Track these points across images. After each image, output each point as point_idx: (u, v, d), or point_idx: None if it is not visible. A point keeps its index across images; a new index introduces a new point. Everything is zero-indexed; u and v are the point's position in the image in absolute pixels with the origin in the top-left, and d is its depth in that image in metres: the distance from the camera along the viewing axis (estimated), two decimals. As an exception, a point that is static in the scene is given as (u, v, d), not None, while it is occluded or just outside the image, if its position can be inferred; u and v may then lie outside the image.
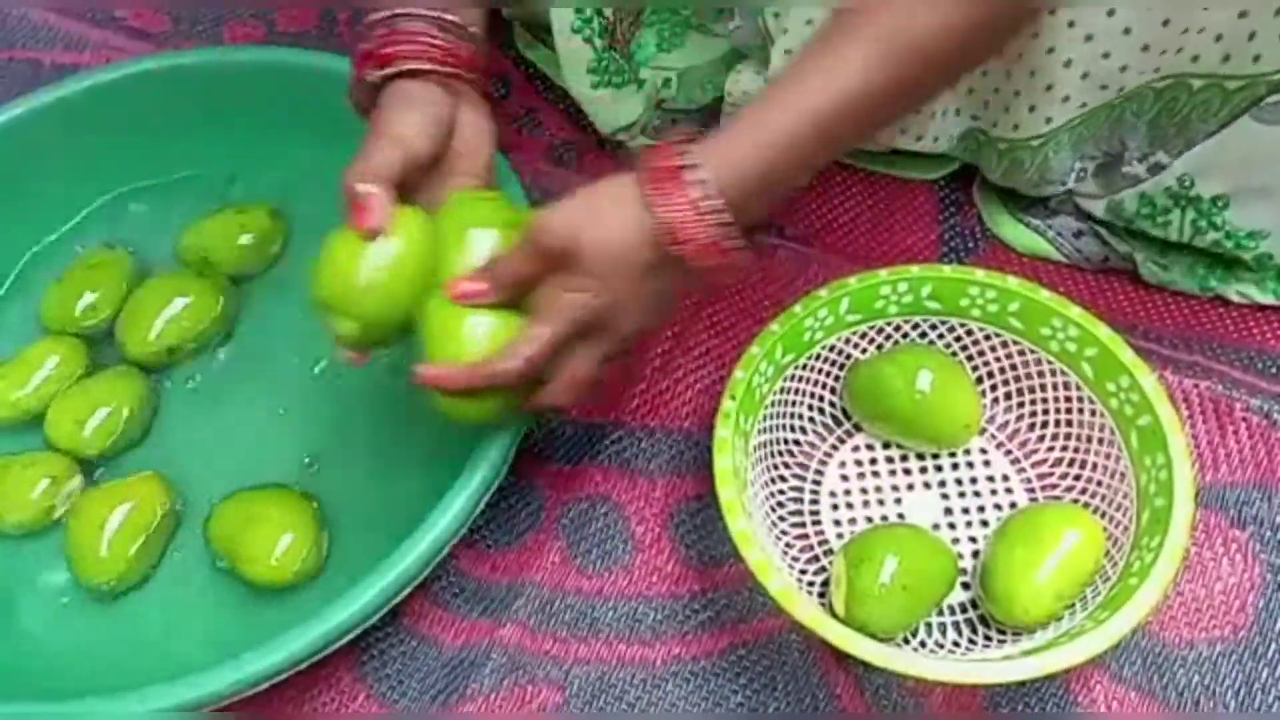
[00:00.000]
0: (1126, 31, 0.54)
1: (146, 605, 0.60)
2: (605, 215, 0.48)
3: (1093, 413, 0.57)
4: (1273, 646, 0.54)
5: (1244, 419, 0.59)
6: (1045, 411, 0.59)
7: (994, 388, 0.60)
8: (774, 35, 0.61)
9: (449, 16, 0.53)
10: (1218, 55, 0.54)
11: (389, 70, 0.52)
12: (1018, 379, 0.60)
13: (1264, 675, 0.54)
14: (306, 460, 0.63)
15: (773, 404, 0.59)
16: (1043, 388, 0.59)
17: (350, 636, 0.51)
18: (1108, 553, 0.54)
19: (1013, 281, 0.58)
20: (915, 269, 0.59)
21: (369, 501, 0.61)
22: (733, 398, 0.56)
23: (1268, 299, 0.62)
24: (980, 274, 0.58)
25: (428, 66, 0.52)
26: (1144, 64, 0.56)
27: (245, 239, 0.69)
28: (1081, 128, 0.60)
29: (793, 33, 0.61)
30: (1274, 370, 0.61)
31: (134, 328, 0.66)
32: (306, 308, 0.66)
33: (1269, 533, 0.57)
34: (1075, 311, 0.56)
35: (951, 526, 0.59)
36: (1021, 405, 0.60)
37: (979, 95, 0.62)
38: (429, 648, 0.58)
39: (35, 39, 0.83)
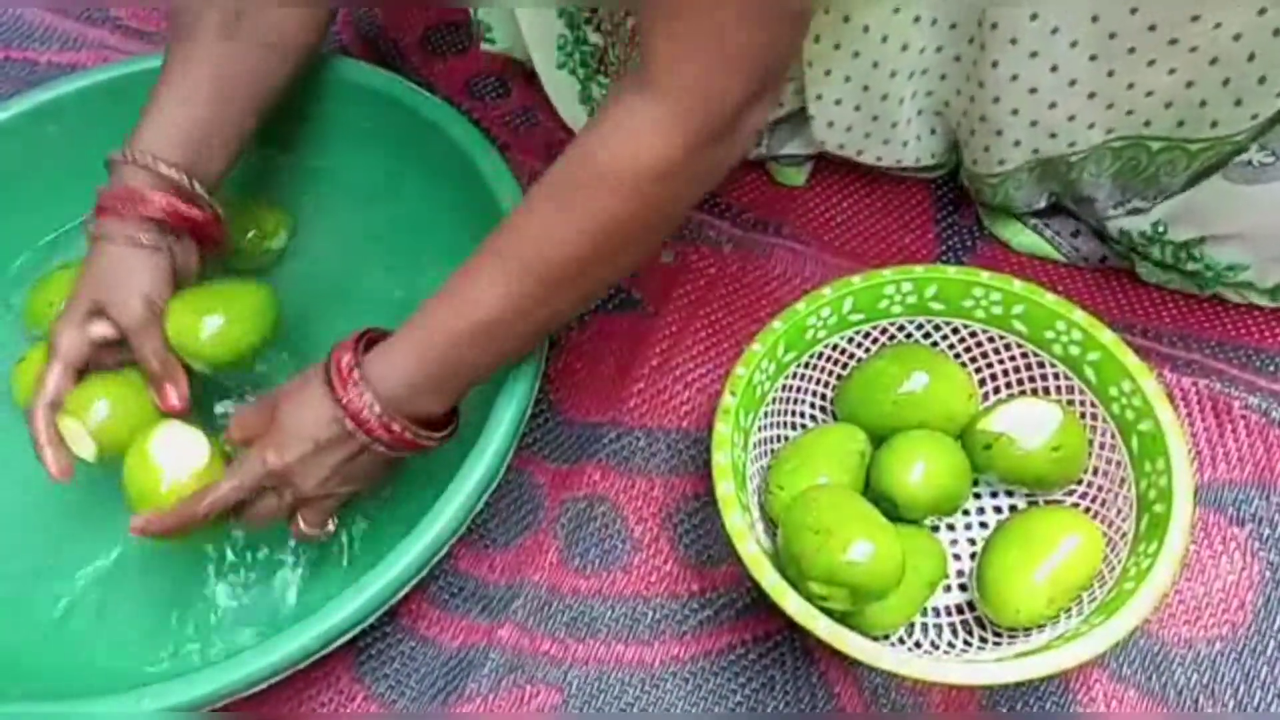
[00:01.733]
0: (1072, 84, 0.55)
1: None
2: (303, 394, 0.53)
3: (1095, 417, 0.57)
4: (1271, 644, 0.54)
5: (1243, 417, 0.59)
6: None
7: (997, 390, 0.60)
8: None
9: (192, 186, 0.58)
10: (1171, 120, 0.54)
11: (118, 227, 0.56)
12: (1020, 382, 0.60)
13: (1263, 673, 0.54)
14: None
15: (773, 402, 0.59)
16: (1045, 391, 0.59)
17: (348, 637, 0.51)
18: (1105, 556, 0.54)
19: (1017, 284, 0.58)
20: (920, 269, 0.59)
21: (366, 503, 0.61)
22: (733, 394, 0.56)
23: (1264, 301, 0.62)
24: (985, 276, 0.58)
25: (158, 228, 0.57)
26: (1093, 114, 0.56)
27: (249, 235, 0.69)
28: (1039, 171, 0.61)
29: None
30: (1272, 368, 0.61)
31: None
32: (315, 303, 0.68)
33: (1267, 530, 0.57)
34: (1079, 315, 0.56)
35: (950, 528, 0.59)
36: (1023, 407, 0.60)
37: (944, 121, 0.63)
38: (427, 648, 0.58)
39: (31, 38, 0.83)
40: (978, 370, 0.60)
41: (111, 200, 0.56)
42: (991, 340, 0.59)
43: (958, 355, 0.60)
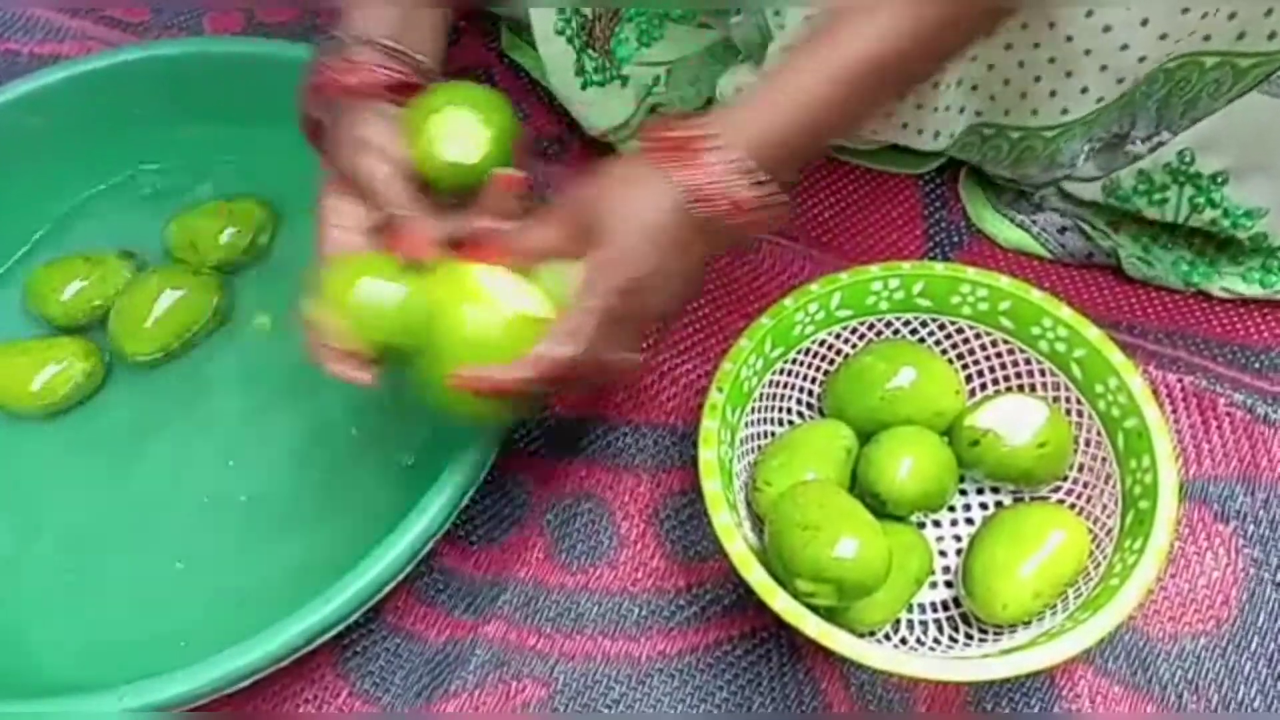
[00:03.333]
0: (1144, 23, 0.54)
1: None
2: (627, 189, 0.47)
3: (1080, 414, 0.57)
4: (1255, 640, 0.55)
5: (1228, 413, 0.59)
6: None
7: (983, 386, 0.60)
8: (773, 32, 0.61)
9: (409, 51, 0.54)
10: (1232, 33, 0.53)
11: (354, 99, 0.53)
12: (1007, 378, 0.60)
13: (1246, 668, 0.54)
14: (290, 451, 0.63)
15: (760, 398, 0.59)
16: (1031, 387, 0.59)
17: (332, 634, 0.50)
18: (1091, 552, 0.54)
19: (1004, 281, 0.58)
20: (907, 266, 0.59)
21: (353, 495, 0.61)
22: (720, 390, 0.56)
23: (1253, 290, 0.62)
24: (971, 272, 0.58)
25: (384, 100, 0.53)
26: (1160, 52, 0.55)
27: (233, 231, 0.69)
28: (1095, 120, 0.60)
29: (789, 29, 0.61)
30: (1257, 365, 0.61)
31: (126, 324, 0.66)
32: (294, 297, 0.67)
33: (1251, 526, 0.57)
34: (1065, 312, 0.56)
35: (937, 525, 0.59)
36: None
37: (984, 90, 0.61)
38: (413, 644, 0.58)
39: (13, 29, 0.82)
40: (964, 366, 0.60)
41: (342, 71, 0.52)
42: (978, 337, 0.59)
43: (944, 351, 0.60)
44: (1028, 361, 0.58)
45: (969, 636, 0.54)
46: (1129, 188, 0.61)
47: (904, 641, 0.55)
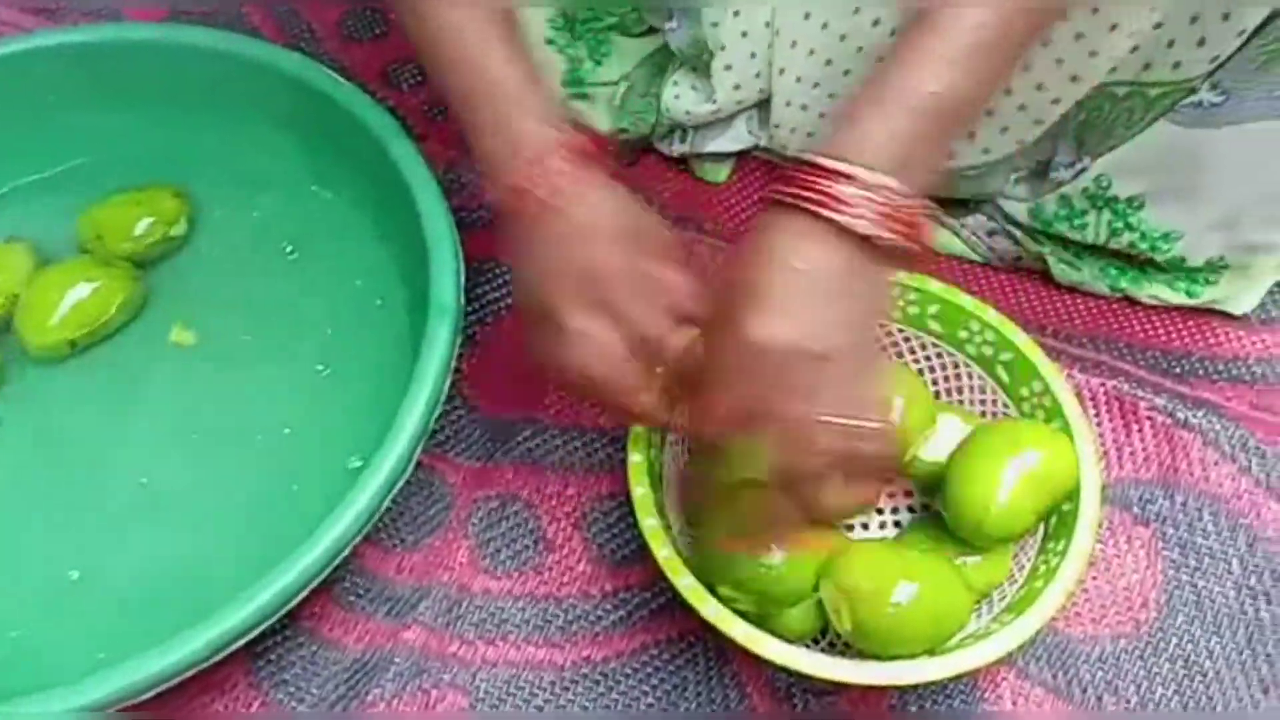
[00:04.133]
0: (1059, 63, 0.54)
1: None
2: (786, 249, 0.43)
3: (1006, 417, 0.57)
4: (1174, 641, 0.55)
5: (1148, 417, 0.60)
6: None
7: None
8: (713, 48, 0.61)
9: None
10: (1137, 64, 0.54)
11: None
12: (936, 383, 0.60)
13: (1164, 669, 0.55)
14: (212, 451, 0.61)
15: (690, 400, 0.58)
16: (960, 390, 0.59)
17: (246, 639, 0.49)
18: (1015, 555, 0.54)
19: (933, 284, 0.58)
20: (835, 268, 0.59)
21: (275, 494, 0.59)
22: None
23: (1179, 299, 0.63)
24: (901, 275, 0.58)
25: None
26: (1073, 95, 0.56)
27: (147, 222, 0.66)
28: (1013, 158, 0.61)
29: (730, 49, 0.60)
30: (1178, 369, 0.62)
31: (33, 318, 0.63)
32: (212, 290, 0.65)
33: (1170, 530, 0.58)
34: (992, 315, 0.57)
35: (865, 527, 0.58)
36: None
37: None
38: (330, 651, 0.56)
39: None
40: (894, 370, 0.60)
41: (577, 143, 0.48)
42: (907, 340, 0.59)
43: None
44: (955, 365, 0.59)
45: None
46: (1051, 213, 0.62)
47: (832, 645, 0.55)
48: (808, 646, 0.54)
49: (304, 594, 0.49)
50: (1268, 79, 0.51)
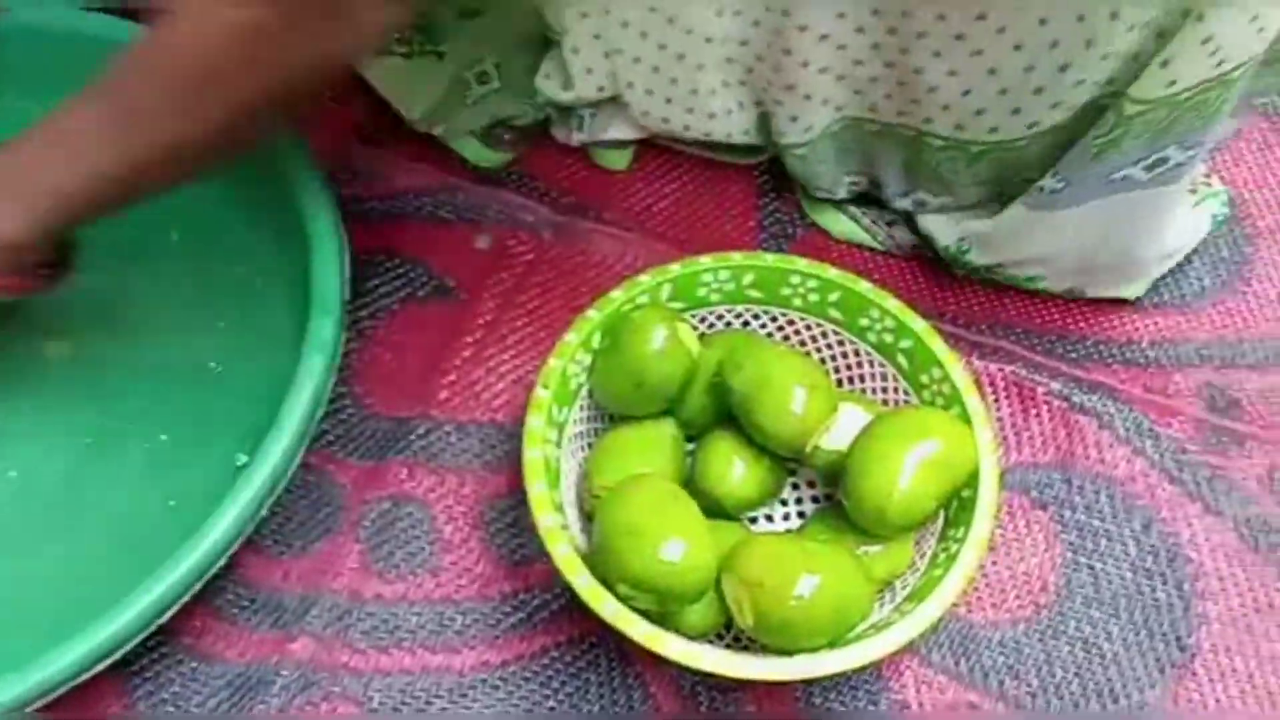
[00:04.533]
0: (875, 47, 0.55)
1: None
2: None
3: (907, 404, 0.57)
4: (1072, 623, 0.56)
5: (1045, 402, 0.61)
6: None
7: (813, 377, 0.60)
8: (555, 30, 0.60)
9: None
10: (950, 123, 0.56)
11: None
12: (837, 370, 0.59)
13: (1064, 651, 0.55)
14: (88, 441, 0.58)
15: (589, 394, 0.57)
16: (861, 378, 0.59)
17: (115, 657, 0.45)
18: (917, 543, 0.54)
19: (833, 272, 0.57)
20: (738, 256, 0.58)
21: (149, 501, 0.56)
22: (545, 386, 0.53)
23: (1059, 294, 0.64)
24: (802, 263, 0.58)
25: None
26: (876, 67, 0.56)
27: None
28: (842, 138, 0.61)
29: (574, 31, 0.59)
30: (1074, 354, 0.63)
31: None
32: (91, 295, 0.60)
33: (1068, 513, 0.58)
34: (892, 303, 0.56)
35: (769, 519, 0.58)
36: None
37: (752, 87, 0.61)
38: (211, 667, 0.53)
39: None
40: (796, 359, 0.60)
41: None
42: (809, 328, 0.59)
43: (785, 345, 0.59)
44: (856, 353, 0.58)
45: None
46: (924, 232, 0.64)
47: (736, 640, 0.54)
48: (711, 643, 0.53)
49: (176, 607, 0.46)
50: (1100, 167, 0.54)
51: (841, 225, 0.66)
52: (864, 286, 0.56)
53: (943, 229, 0.62)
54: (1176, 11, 0.47)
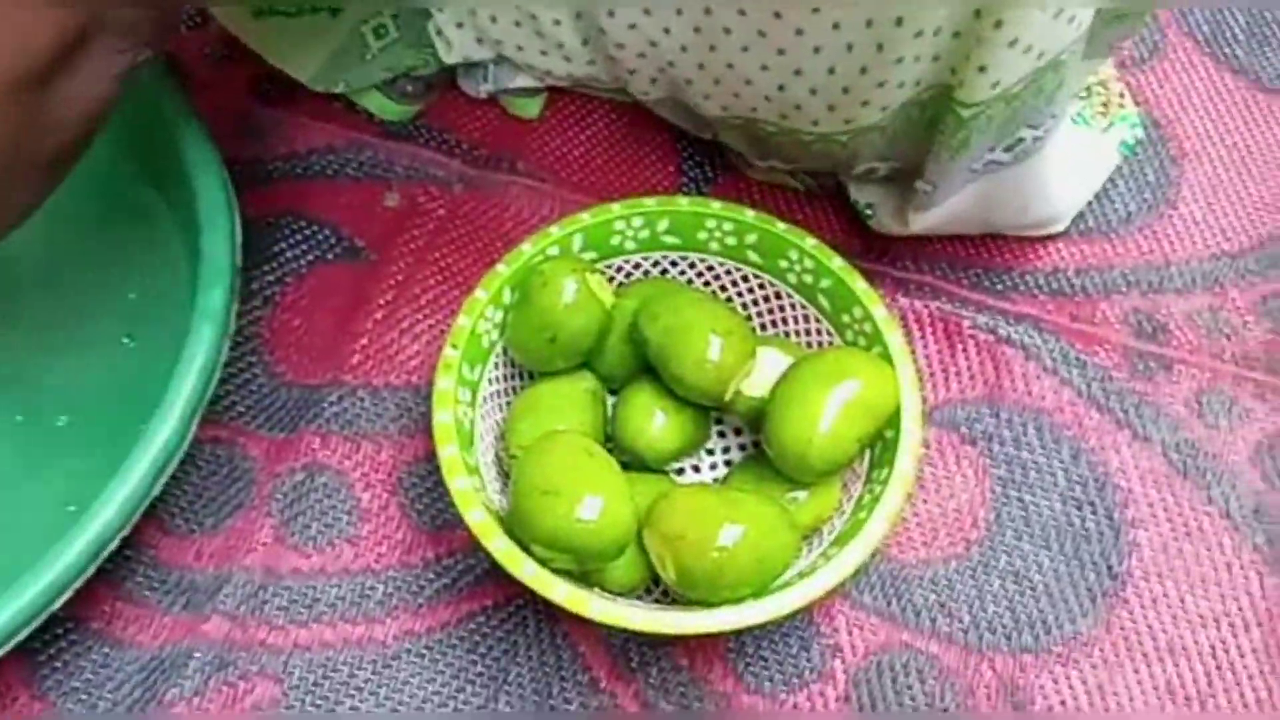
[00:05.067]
0: (684, 49, 0.53)
1: None
2: None
3: (832, 346, 0.56)
4: (1003, 558, 0.55)
5: (972, 336, 0.60)
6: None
7: (737, 322, 0.58)
8: None
9: None
10: (775, 113, 0.54)
11: None
12: (761, 314, 0.58)
13: (995, 585, 0.55)
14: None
15: (504, 351, 0.55)
16: (785, 321, 0.57)
17: (9, 646, 0.44)
18: (845, 485, 0.53)
19: (749, 214, 0.55)
20: (650, 202, 0.56)
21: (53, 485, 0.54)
22: (455, 346, 0.51)
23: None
24: (717, 206, 0.56)
25: None
26: (709, 88, 0.54)
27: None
28: (678, 112, 0.60)
29: None
30: (999, 286, 0.62)
31: None
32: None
33: (997, 446, 0.58)
34: (810, 242, 0.55)
35: (696, 469, 0.57)
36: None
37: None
38: (123, 652, 0.51)
39: None
40: (716, 304, 0.58)
41: None
42: (729, 273, 0.57)
43: (698, 291, 0.58)
44: (778, 295, 0.57)
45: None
46: None
47: (666, 594, 0.53)
48: (640, 598, 0.52)
49: (70, 592, 0.44)
50: (959, 165, 0.53)
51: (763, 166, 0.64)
52: (781, 227, 0.55)
53: (852, 187, 0.61)
54: (966, 14, 0.45)
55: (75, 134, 0.42)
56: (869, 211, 0.61)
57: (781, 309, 0.57)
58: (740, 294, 0.58)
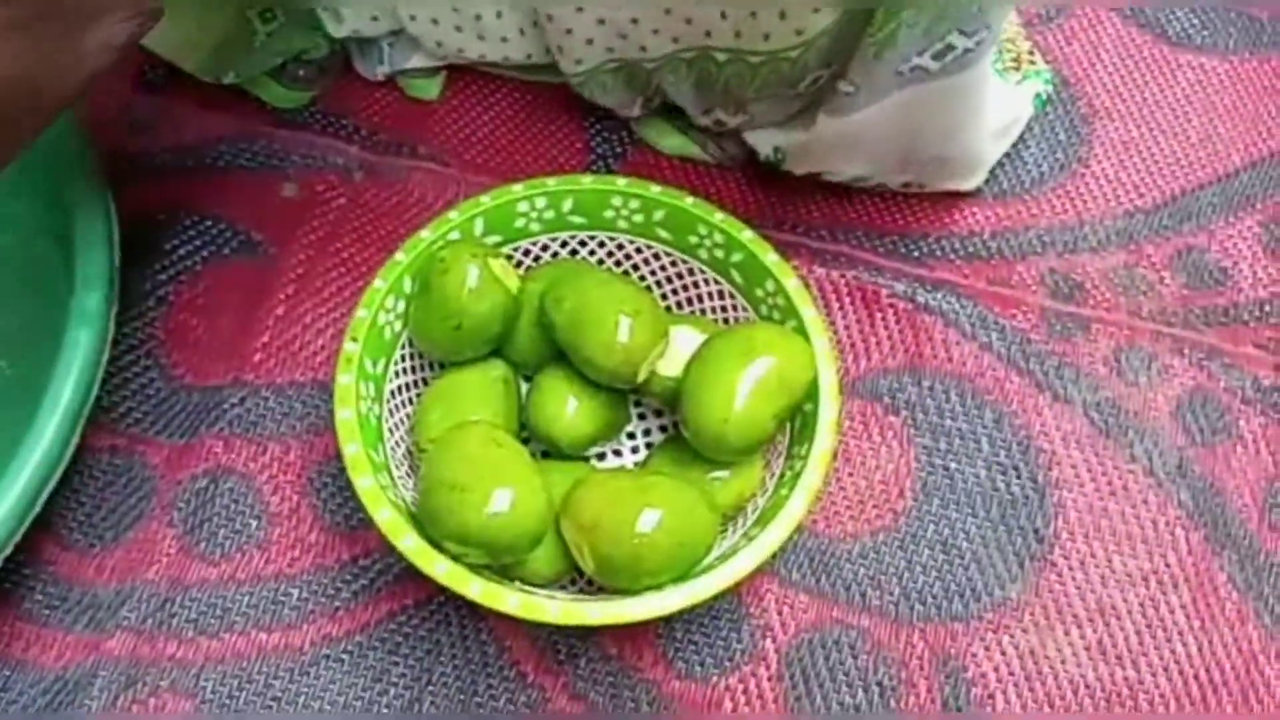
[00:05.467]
0: (634, 21, 0.52)
1: None
2: None
3: (748, 321, 0.54)
4: (930, 527, 0.55)
5: (890, 305, 0.59)
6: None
7: (651, 301, 0.57)
8: None
9: None
10: (730, 31, 0.52)
11: None
12: (675, 291, 0.56)
13: (924, 555, 0.54)
14: None
15: (409, 343, 0.53)
16: (700, 298, 0.56)
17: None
18: (768, 463, 0.52)
19: (655, 189, 0.54)
20: (552, 181, 0.54)
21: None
22: (355, 340, 0.49)
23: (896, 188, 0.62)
24: (622, 182, 0.54)
25: None
26: (657, 20, 0.53)
27: None
28: (622, 74, 0.58)
29: None
30: (916, 253, 0.61)
31: None
32: None
33: (920, 415, 0.57)
34: (718, 216, 0.53)
35: (617, 454, 0.55)
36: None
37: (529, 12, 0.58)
38: (24, 674, 0.49)
39: None
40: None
41: None
42: (639, 251, 0.56)
43: (608, 270, 0.56)
44: (691, 272, 0.55)
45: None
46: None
47: (590, 583, 0.51)
48: (564, 588, 0.50)
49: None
50: (884, 65, 0.51)
51: (670, 140, 0.63)
52: (689, 202, 0.53)
53: (760, 140, 0.59)
54: None
55: (66, 94, 0.40)
56: (778, 156, 0.59)
57: (695, 285, 0.56)
58: (653, 272, 0.56)
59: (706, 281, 0.55)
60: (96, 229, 0.48)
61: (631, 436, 0.56)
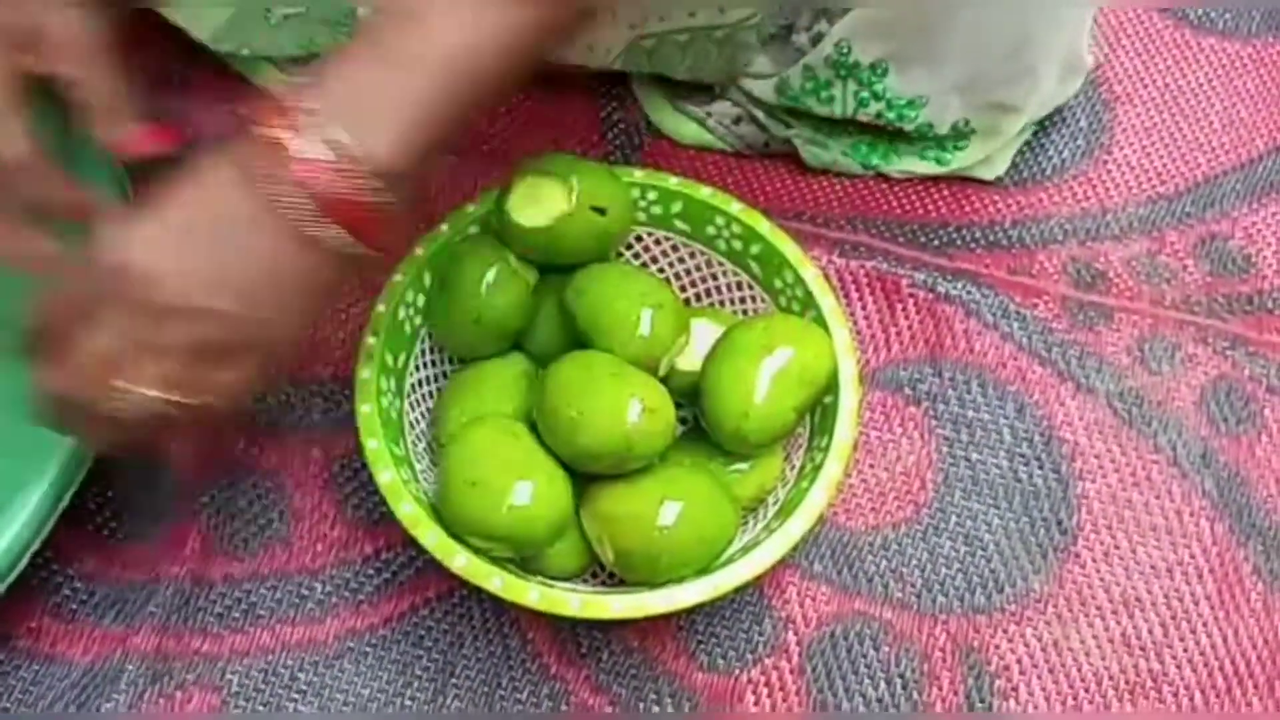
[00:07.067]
0: None
1: None
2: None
3: (765, 313, 0.54)
4: (953, 519, 0.55)
5: (910, 295, 0.59)
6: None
7: (670, 293, 0.57)
8: None
9: None
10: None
11: None
12: (694, 283, 0.56)
13: (946, 548, 0.54)
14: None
15: (429, 336, 0.53)
16: (718, 290, 0.56)
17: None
18: (787, 455, 0.52)
19: (672, 181, 0.54)
20: (573, 173, 0.54)
21: None
22: (374, 334, 0.50)
23: (929, 168, 0.61)
24: (639, 174, 0.54)
25: None
26: None
27: None
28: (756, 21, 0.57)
29: None
30: (936, 242, 0.61)
31: None
32: None
33: (941, 406, 0.57)
34: (736, 207, 0.53)
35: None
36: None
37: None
38: (54, 668, 0.50)
39: None
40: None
41: None
42: (658, 243, 0.56)
43: (627, 263, 0.56)
44: (709, 264, 0.55)
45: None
46: (798, 86, 0.59)
47: (611, 576, 0.51)
48: (586, 581, 0.51)
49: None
50: None
51: (687, 129, 0.63)
52: (705, 192, 0.53)
53: (822, 45, 0.57)
54: None
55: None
56: (842, 49, 0.57)
57: (714, 277, 0.55)
58: (672, 264, 0.56)
59: (725, 273, 0.55)
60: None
61: (651, 429, 0.56)
